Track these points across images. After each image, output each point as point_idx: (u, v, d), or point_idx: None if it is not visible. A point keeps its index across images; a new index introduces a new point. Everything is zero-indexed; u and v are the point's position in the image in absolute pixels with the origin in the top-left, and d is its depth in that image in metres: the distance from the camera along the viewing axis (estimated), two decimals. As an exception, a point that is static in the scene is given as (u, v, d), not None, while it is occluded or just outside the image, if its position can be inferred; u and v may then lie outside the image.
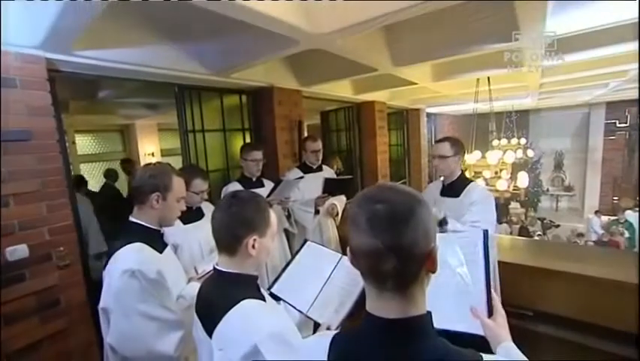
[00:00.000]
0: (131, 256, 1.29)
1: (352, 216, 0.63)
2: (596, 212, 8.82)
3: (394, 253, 0.58)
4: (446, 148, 2.09)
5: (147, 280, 1.26)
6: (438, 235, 1.00)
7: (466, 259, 0.96)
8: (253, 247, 1.02)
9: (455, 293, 0.93)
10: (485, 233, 0.96)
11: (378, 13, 1.65)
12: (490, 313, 0.87)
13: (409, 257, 0.59)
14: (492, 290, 0.89)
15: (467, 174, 2.43)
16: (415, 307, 0.62)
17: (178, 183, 1.43)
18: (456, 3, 1.72)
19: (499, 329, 0.83)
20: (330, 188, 2.73)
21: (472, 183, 2.15)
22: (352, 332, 0.69)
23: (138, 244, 1.33)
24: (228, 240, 1.02)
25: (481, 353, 0.61)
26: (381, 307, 0.63)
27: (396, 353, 0.59)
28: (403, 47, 2.73)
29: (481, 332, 0.84)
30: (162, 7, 2.03)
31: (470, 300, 0.90)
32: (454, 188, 2.13)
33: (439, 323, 0.89)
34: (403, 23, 2.00)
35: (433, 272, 0.64)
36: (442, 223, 1.86)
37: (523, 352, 0.77)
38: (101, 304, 1.32)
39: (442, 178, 2.25)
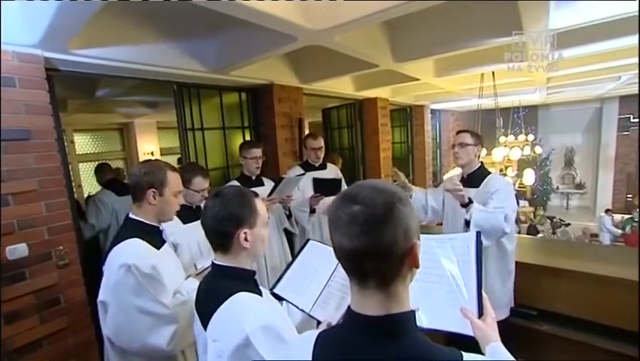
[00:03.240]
0: (128, 250, 1.34)
1: (332, 218, 0.64)
2: (607, 210, 8.75)
3: (374, 254, 0.60)
4: (467, 137, 2.19)
5: (142, 274, 1.31)
6: (430, 236, 1.03)
7: (458, 260, 0.98)
8: (246, 239, 1.05)
9: (447, 294, 0.96)
10: (478, 234, 0.98)
11: (375, 9, 1.68)
12: (481, 313, 0.89)
13: (389, 257, 0.61)
14: (483, 291, 0.91)
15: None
16: (398, 305, 0.64)
17: (173, 178, 1.48)
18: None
19: (488, 329, 0.85)
20: (320, 188, 2.77)
21: (492, 174, 2.23)
22: (335, 329, 0.72)
23: (135, 240, 1.38)
24: (220, 239, 1.06)
25: (462, 352, 0.63)
26: (364, 304, 0.64)
27: (377, 350, 0.61)
28: (403, 42, 2.76)
29: (470, 333, 0.86)
30: (160, 4, 2.07)
31: (461, 301, 0.92)
32: (473, 178, 2.20)
33: (429, 322, 0.92)
34: (403, 18, 2.02)
35: (416, 268, 0.65)
36: (467, 205, 1.96)
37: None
38: (100, 297, 1.38)
39: (459, 170, 2.32)
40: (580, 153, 11.02)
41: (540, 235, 7.96)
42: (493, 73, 4.09)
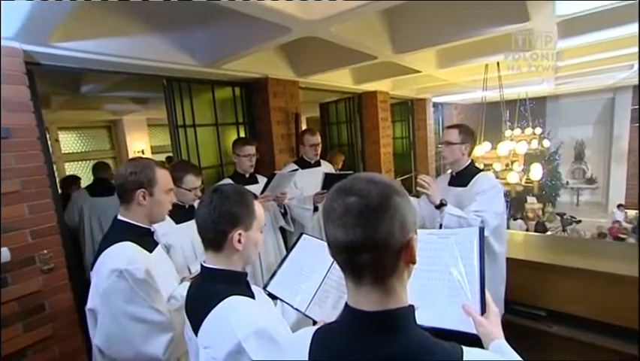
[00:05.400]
0: (119, 255, 1.32)
1: (326, 209, 0.65)
2: (620, 206, 8.77)
3: (369, 247, 0.60)
4: (454, 135, 2.15)
5: (135, 280, 1.28)
6: (431, 230, 1.03)
7: (460, 256, 0.99)
8: (239, 241, 1.04)
9: (448, 290, 0.96)
10: (481, 230, 0.99)
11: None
12: (484, 310, 0.90)
13: (384, 250, 0.61)
14: (485, 288, 0.92)
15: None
16: (395, 300, 0.64)
17: (163, 176, 1.45)
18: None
19: (491, 326, 0.86)
20: (331, 184, 2.73)
21: (481, 173, 2.20)
22: (332, 325, 0.72)
23: (126, 243, 1.36)
24: (213, 236, 1.05)
25: (462, 346, 0.64)
26: (360, 300, 0.65)
27: (374, 346, 0.62)
28: (403, 32, 2.74)
29: (473, 330, 0.87)
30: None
31: (463, 298, 0.93)
32: (462, 177, 2.19)
33: (431, 320, 0.93)
34: (403, 7, 2.01)
35: (413, 263, 0.66)
36: (440, 206, 1.96)
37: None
38: (89, 305, 1.36)
39: (449, 170, 2.30)
40: (591, 146, 11.00)
41: (549, 232, 7.97)
42: (498, 64, 4.08)
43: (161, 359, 1.32)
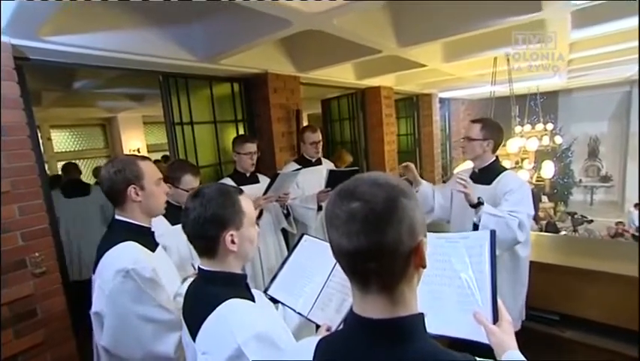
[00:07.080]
0: (123, 255, 1.32)
1: (329, 215, 0.63)
2: (637, 205, 8.69)
3: (376, 254, 0.59)
4: (475, 130, 2.11)
5: (143, 279, 1.29)
6: (440, 234, 1.02)
7: (470, 261, 0.97)
8: (233, 242, 1.03)
9: (458, 297, 0.95)
10: (492, 233, 0.98)
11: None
12: (496, 319, 0.88)
13: (393, 256, 0.60)
14: (498, 296, 0.90)
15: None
16: (404, 308, 0.63)
17: (148, 167, 1.45)
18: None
19: (504, 335, 0.84)
20: (336, 181, 2.71)
21: (506, 171, 2.17)
22: (337, 334, 0.71)
23: (129, 243, 1.36)
24: (204, 243, 1.05)
25: (476, 358, 0.62)
26: (367, 307, 0.64)
27: (381, 356, 0.60)
28: (408, 24, 2.73)
29: (484, 340, 0.86)
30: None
31: (474, 305, 0.92)
32: (485, 175, 2.15)
33: (441, 328, 0.92)
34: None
35: (423, 267, 0.65)
36: (477, 205, 1.91)
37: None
38: (94, 309, 1.36)
39: (471, 164, 2.26)
40: (606, 142, 10.91)
41: (563, 232, 7.93)
42: (507, 57, 4.04)
43: (172, 357, 1.33)
